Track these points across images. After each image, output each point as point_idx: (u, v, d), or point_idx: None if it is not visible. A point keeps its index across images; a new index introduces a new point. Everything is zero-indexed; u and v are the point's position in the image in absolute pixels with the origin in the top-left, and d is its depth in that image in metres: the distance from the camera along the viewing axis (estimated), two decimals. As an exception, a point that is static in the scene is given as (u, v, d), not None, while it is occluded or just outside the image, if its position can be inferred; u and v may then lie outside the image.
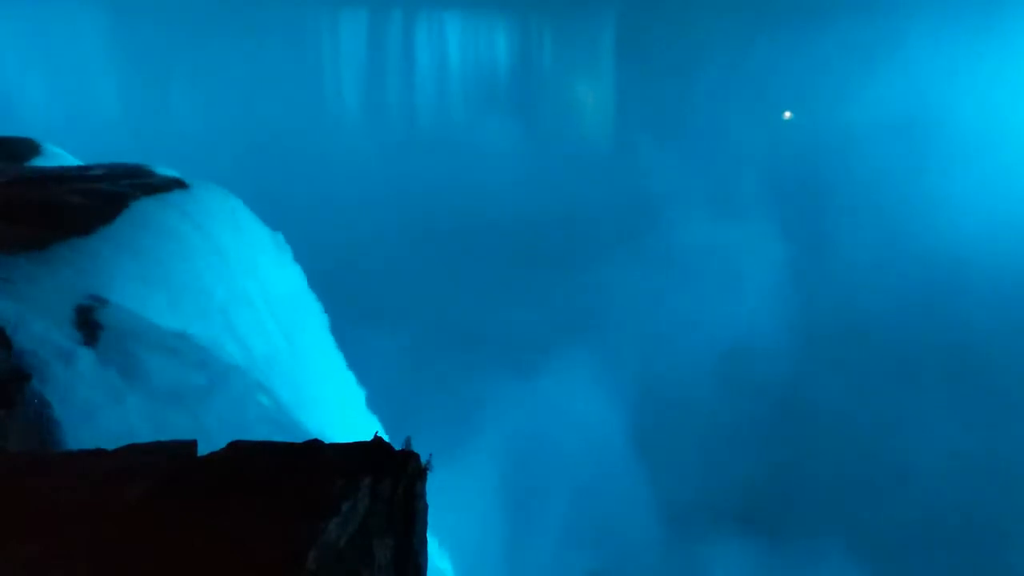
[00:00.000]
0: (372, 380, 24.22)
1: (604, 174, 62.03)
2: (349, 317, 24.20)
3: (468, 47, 69.91)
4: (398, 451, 8.77)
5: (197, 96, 66.36)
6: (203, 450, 8.67)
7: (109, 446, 8.97)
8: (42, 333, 12.06)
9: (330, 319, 22.67)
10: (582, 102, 70.05)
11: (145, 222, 16.88)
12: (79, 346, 12.52)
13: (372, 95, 69.74)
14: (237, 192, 21.10)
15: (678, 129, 60.85)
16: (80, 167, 21.33)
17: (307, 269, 22.17)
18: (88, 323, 13.13)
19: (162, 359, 13.65)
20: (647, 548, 36.61)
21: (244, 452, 8.44)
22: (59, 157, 22.57)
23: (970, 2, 54.51)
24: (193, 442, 8.84)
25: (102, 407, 11.71)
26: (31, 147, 22.55)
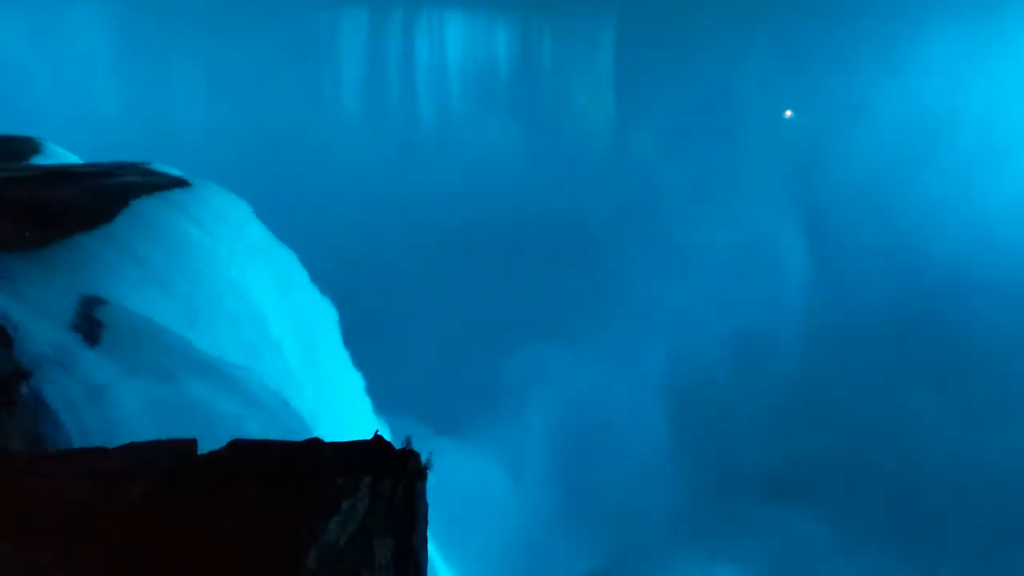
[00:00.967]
0: (373, 379, 24.22)
1: (607, 172, 62.00)
2: (351, 315, 24.18)
3: (470, 46, 69.89)
4: (398, 450, 8.77)
5: (197, 95, 66.35)
6: (203, 449, 8.67)
7: (109, 445, 8.97)
8: (42, 332, 12.06)
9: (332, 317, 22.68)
10: (585, 101, 70.02)
11: (146, 220, 16.87)
12: (79, 345, 12.52)
13: (372, 94, 69.70)
14: (238, 190, 21.09)
15: (679, 128, 60.83)
16: (81, 165, 21.33)
17: (307, 267, 22.17)
18: (89, 322, 13.12)
19: (163, 358, 13.65)
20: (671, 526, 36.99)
21: (244, 451, 8.44)
22: (59, 155, 22.55)
23: (970, 3, 54.54)
24: (193, 441, 8.84)
25: (102, 406, 11.71)
26: (31, 145, 22.53)
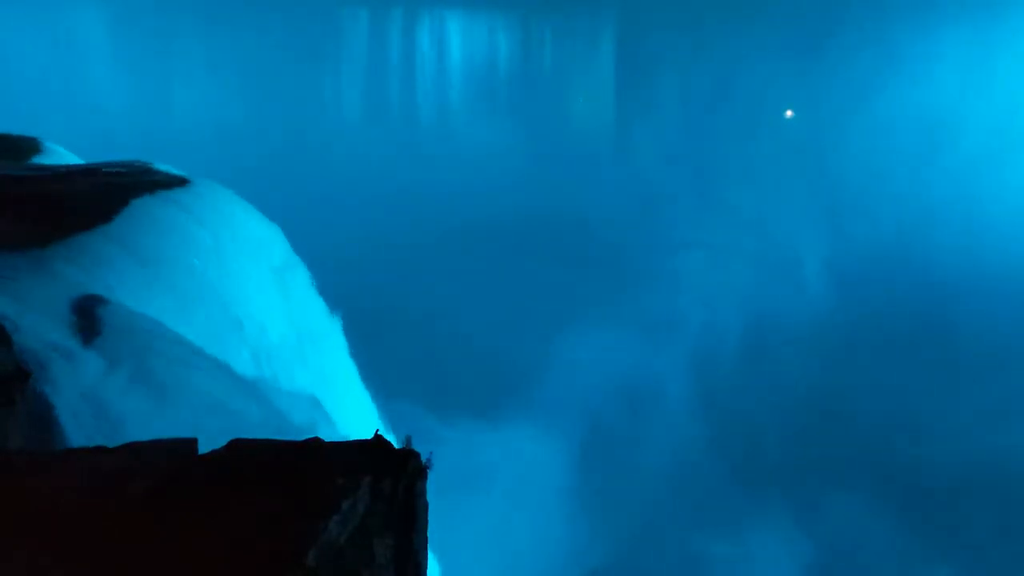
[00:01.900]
0: (379, 374, 24.22)
1: (607, 170, 61.96)
2: (352, 312, 24.18)
3: (470, 46, 69.83)
4: (398, 450, 8.76)
5: (197, 94, 66.32)
6: (203, 448, 8.67)
7: (109, 444, 8.96)
8: (43, 331, 12.06)
9: (332, 316, 22.65)
10: (585, 100, 69.95)
11: (146, 219, 16.87)
12: (80, 344, 12.51)
13: (373, 93, 69.65)
14: (238, 188, 21.08)
15: (680, 128, 60.83)
16: (81, 165, 21.35)
17: (307, 265, 22.14)
18: (89, 321, 13.12)
19: (163, 356, 13.64)
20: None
21: (244, 450, 8.43)
22: (60, 155, 22.58)
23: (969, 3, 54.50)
24: (193, 440, 8.83)
25: (102, 405, 11.70)
26: (32, 145, 22.56)
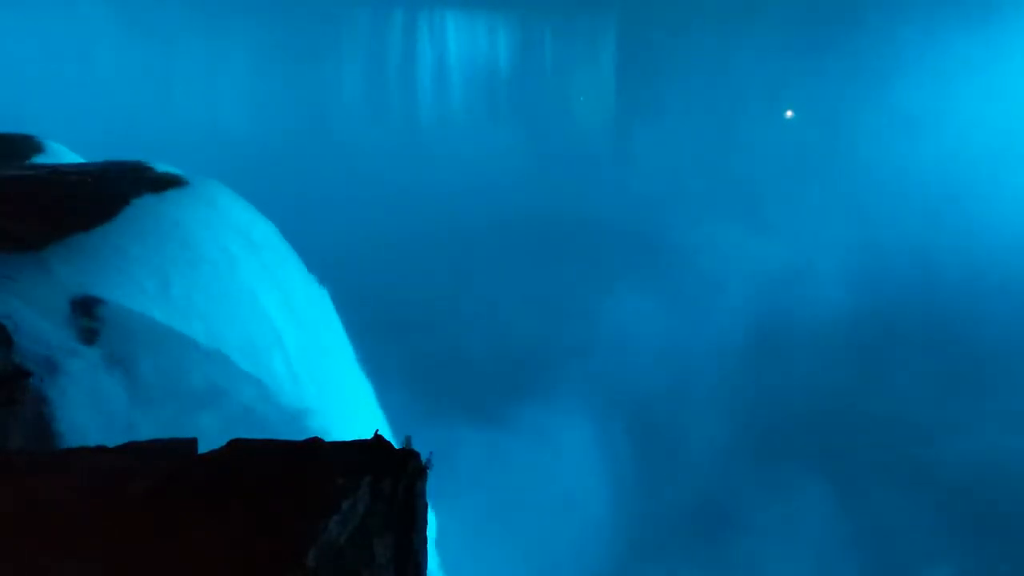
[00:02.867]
0: (374, 380, 24.24)
1: (607, 172, 62.00)
2: (353, 316, 24.18)
3: (470, 47, 69.83)
4: (398, 450, 8.77)
5: (197, 95, 66.33)
6: (203, 448, 8.67)
7: (109, 444, 8.98)
8: (43, 331, 12.07)
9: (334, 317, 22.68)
10: (586, 101, 69.98)
11: (146, 219, 16.88)
12: (79, 344, 12.54)
13: (373, 94, 69.66)
14: (238, 189, 21.09)
15: (681, 129, 60.84)
16: (81, 164, 21.34)
17: (307, 265, 22.16)
18: (89, 321, 13.15)
19: (162, 357, 13.66)
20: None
21: (244, 450, 8.44)
22: (60, 154, 22.56)
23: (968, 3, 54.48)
24: (193, 440, 8.85)
25: (102, 405, 11.72)
26: (32, 144, 22.54)
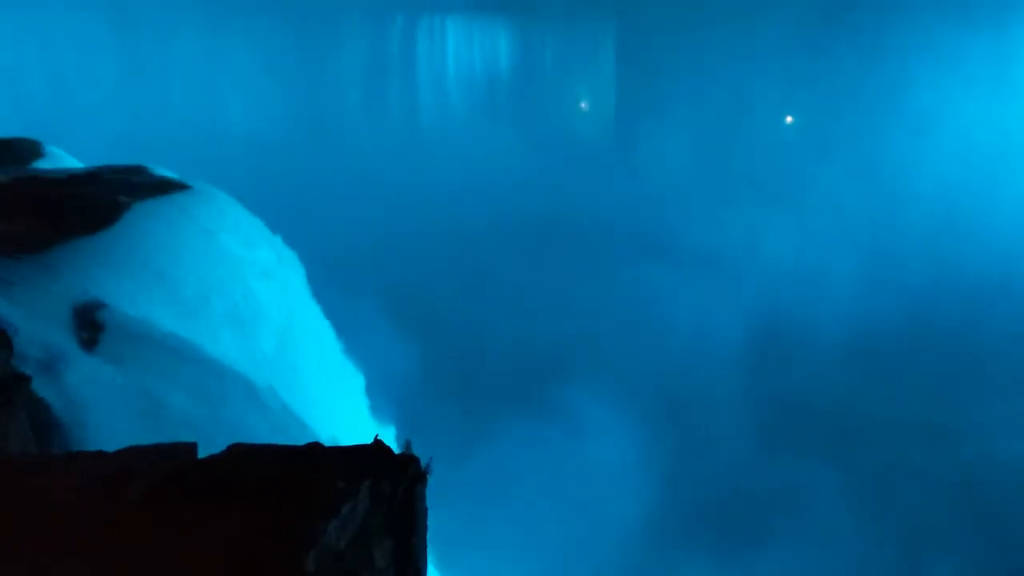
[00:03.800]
0: (375, 383, 24.26)
1: (608, 175, 62.12)
2: (352, 319, 24.23)
3: (471, 51, 70.03)
4: (398, 454, 8.79)
5: (198, 99, 66.46)
6: (203, 452, 8.68)
7: (109, 448, 8.98)
8: (43, 335, 12.09)
9: (334, 320, 22.72)
10: (586, 105, 70.16)
11: (147, 223, 16.92)
12: (79, 348, 12.56)
13: (374, 99, 69.84)
14: (238, 194, 21.13)
15: (681, 130, 61.02)
16: (81, 169, 21.37)
17: (308, 271, 22.20)
18: (89, 325, 13.17)
19: (162, 361, 13.67)
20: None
21: (244, 454, 8.45)
22: (60, 159, 22.60)
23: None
24: (193, 444, 8.85)
25: (102, 409, 11.73)
26: (32, 149, 22.58)
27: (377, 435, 9.41)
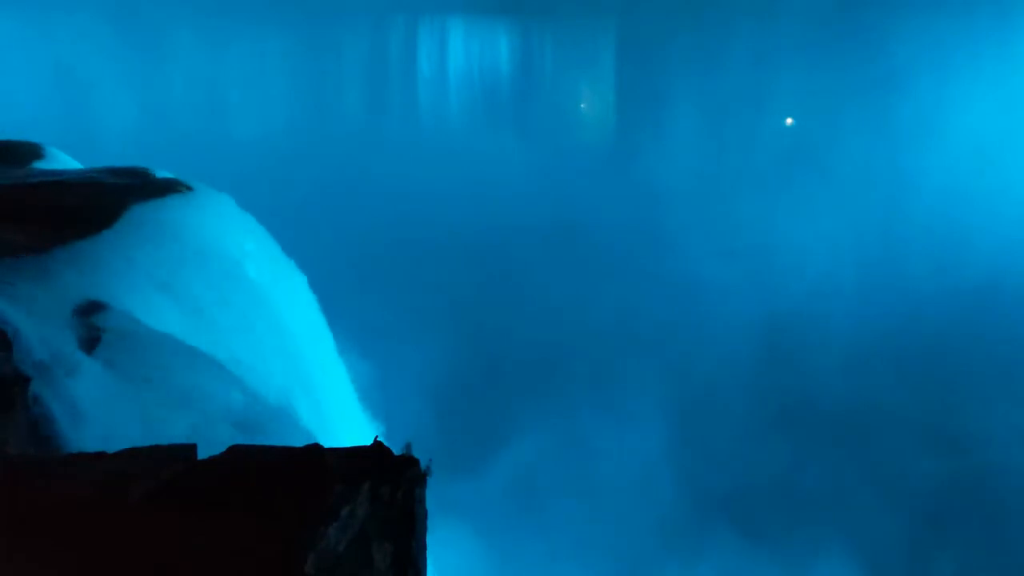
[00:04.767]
0: (374, 384, 24.26)
1: (608, 177, 62.10)
2: (353, 319, 24.22)
3: (471, 53, 70.06)
4: (398, 456, 8.79)
5: (199, 101, 66.51)
6: (203, 454, 8.68)
7: (109, 450, 8.98)
8: (43, 337, 12.08)
9: (334, 321, 22.71)
10: (587, 106, 70.20)
11: (146, 226, 16.89)
12: (79, 350, 12.54)
13: (374, 101, 69.87)
14: (239, 196, 21.12)
15: (683, 131, 61.00)
16: (82, 170, 21.35)
17: (308, 274, 22.19)
18: (89, 327, 13.15)
19: (162, 363, 13.66)
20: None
21: (244, 456, 8.46)
22: (60, 160, 22.58)
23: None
24: (193, 446, 8.85)
25: (102, 411, 11.73)
26: (32, 150, 22.55)
27: (377, 437, 9.41)
